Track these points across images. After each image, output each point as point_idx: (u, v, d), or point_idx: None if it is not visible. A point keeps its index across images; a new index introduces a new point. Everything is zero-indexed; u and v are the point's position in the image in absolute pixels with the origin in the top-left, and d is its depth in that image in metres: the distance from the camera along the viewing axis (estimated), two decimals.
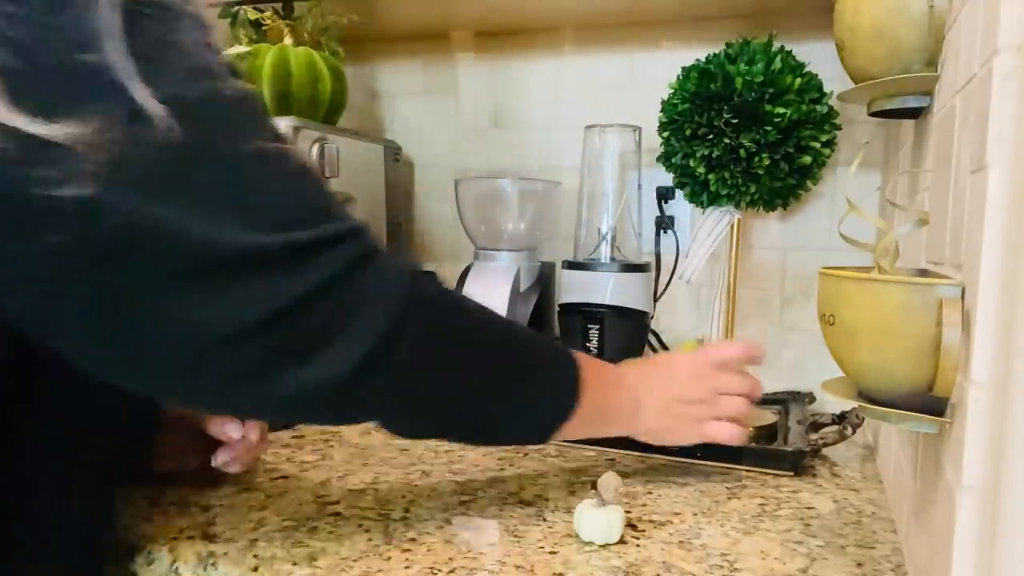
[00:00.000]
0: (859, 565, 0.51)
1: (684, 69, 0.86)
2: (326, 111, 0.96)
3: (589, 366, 0.57)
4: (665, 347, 1.01)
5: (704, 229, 0.89)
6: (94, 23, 0.33)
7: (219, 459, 0.60)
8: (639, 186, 0.96)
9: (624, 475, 0.68)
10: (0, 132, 0.31)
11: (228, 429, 0.61)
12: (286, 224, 0.38)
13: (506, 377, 0.51)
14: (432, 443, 0.76)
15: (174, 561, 0.52)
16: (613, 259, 0.93)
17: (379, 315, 0.42)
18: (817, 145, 0.82)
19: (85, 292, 0.35)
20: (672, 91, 0.87)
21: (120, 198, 0.33)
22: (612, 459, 0.73)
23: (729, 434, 0.64)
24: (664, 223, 1.01)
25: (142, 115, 0.33)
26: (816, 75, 0.82)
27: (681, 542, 0.54)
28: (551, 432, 0.56)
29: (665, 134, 0.88)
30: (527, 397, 0.53)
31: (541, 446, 0.76)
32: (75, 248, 0.33)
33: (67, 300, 0.35)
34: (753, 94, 0.79)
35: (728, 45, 0.84)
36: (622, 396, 0.61)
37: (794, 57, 0.82)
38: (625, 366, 0.66)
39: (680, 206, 1.01)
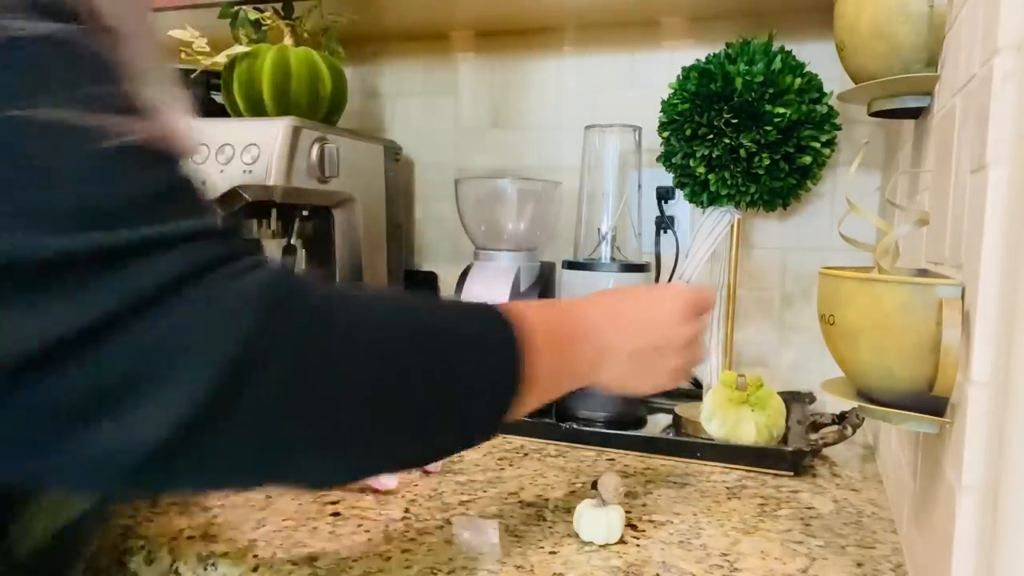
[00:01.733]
0: (859, 565, 0.51)
1: (684, 69, 0.86)
2: (326, 111, 0.96)
3: (538, 323, 0.47)
4: None
5: (704, 229, 0.89)
6: None
7: None
8: (639, 186, 0.96)
9: (624, 475, 0.68)
10: None
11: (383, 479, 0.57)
12: (82, 222, 0.28)
13: (426, 388, 0.39)
14: None
15: (174, 561, 0.52)
16: (613, 259, 0.93)
17: (204, 366, 0.29)
18: (817, 145, 0.82)
19: None
20: (672, 91, 0.87)
21: None
22: (612, 459, 0.73)
23: (680, 380, 0.58)
24: (664, 223, 1.01)
25: None
26: (816, 75, 0.82)
27: (681, 542, 0.54)
28: (499, 420, 0.45)
29: (665, 134, 0.88)
30: (460, 393, 0.42)
31: (541, 445, 0.76)
32: None
33: None
34: (753, 94, 0.79)
35: (728, 45, 0.84)
36: (582, 351, 0.52)
37: (794, 57, 0.82)
38: (593, 303, 0.56)
39: (680, 206, 1.01)
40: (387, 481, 0.63)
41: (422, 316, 0.42)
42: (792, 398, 0.89)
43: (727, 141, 0.81)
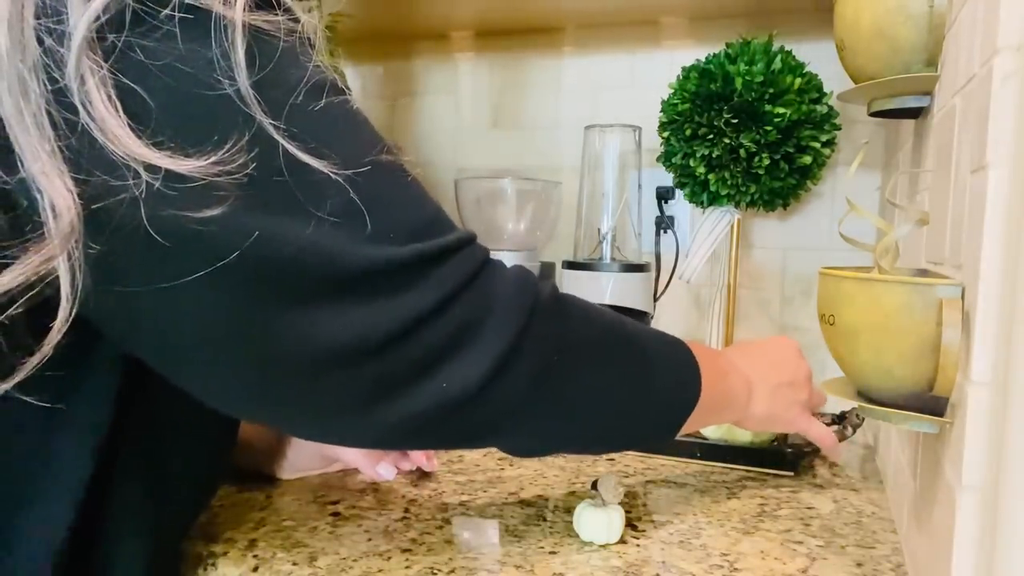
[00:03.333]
0: (859, 565, 0.51)
1: (684, 69, 0.86)
2: None
3: (702, 354, 0.54)
4: None
5: (704, 229, 0.89)
6: (227, 54, 0.33)
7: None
8: (639, 186, 0.96)
9: (624, 475, 0.68)
10: (135, 168, 0.31)
11: (381, 471, 0.64)
12: (412, 235, 0.38)
13: (632, 383, 0.49)
14: None
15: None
16: (613, 259, 0.93)
17: (505, 325, 0.40)
18: (817, 145, 0.82)
19: (211, 319, 0.34)
20: (672, 91, 0.87)
21: (250, 219, 0.33)
22: (612, 459, 0.73)
23: (831, 439, 0.65)
24: (664, 223, 1.01)
25: (265, 138, 0.33)
26: (816, 75, 0.82)
27: (681, 542, 0.54)
28: (675, 431, 0.53)
29: (665, 134, 0.88)
30: (653, 401, 0.51)
31: None
32: (204, 275, 0.33)
33: (191, 328, 0.34)
34: (753, 94, 0.79)
35: (728, 45, 0.84)
36: (735, 382, 0.59)
37: (794, 57, 0.82)
38: (731, 350, 0.65)
39: (680, 206, 1.01)
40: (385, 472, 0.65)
41: (627, 324, 0.50)
42: None
43: (727, 141, 0.81)
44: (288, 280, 0.34)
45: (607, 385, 0.47)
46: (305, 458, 0.66)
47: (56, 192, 0.30)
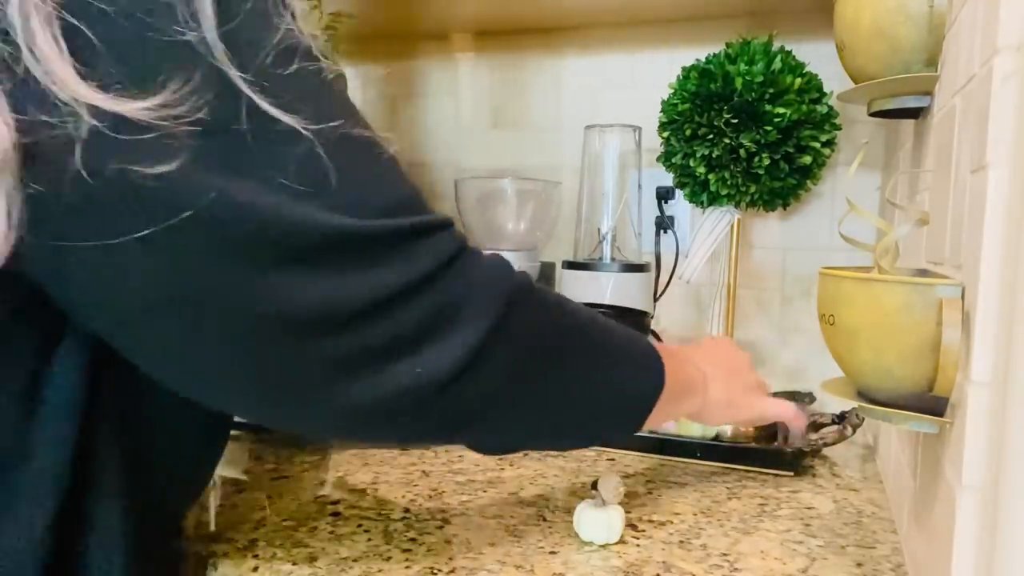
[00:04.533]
0: (859, 565, 0.51)
1: (684, 69, 0.86)
2: None
3: (659, 347, 0.55)
4: None
5: (704, 229, 0.89)
6: (190, 1, 0.31)
7: None
8: (639, 186, 0.96)
9: (624, 475, 0.68)
10: (79, 110, 0.29)
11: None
12: (384, 211, 0.36)
13: (602, 373, 0.48)
14: None
15: None
16: (613, 259, 0.93)
17: (482, 314, 0.39)
18: (817, 145, 0.82)
19: (153, 282, 0.32)
20: (672, 91, 0.87)
21: (207, 177, 0.31)
22: (612, 459, 0.73)
23: (792, 411, 0.65)
24: (664, 223, 1.01)
25: (233, 91, 0.31)
26: (816, 75, 0.82)
27: (681, 542, 0.54)
28: (642, 421, 0.53)
29: (665, 134, 0.88)
30: (621, 390, 0.50)
31: None
32: (149, 234, 0.30)
33: (132, 291, 0.32)
34: (753, 94, 0.79)
35: (728, 45, 0.84)
36: (692, 371, 0.59)
37: (794, 57, 0.82)
38: (679, 347, 0.65)
39: (680, 206, 1.01)
40: None
41: (596, 318, 0.49)
42: (792, 398, 0.89)
43: (727, 141, 0.81)
44: (244, 245, 0.32)
45: (578, 376, 0.46)
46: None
47: None
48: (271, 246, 0.33)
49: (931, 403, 0.40)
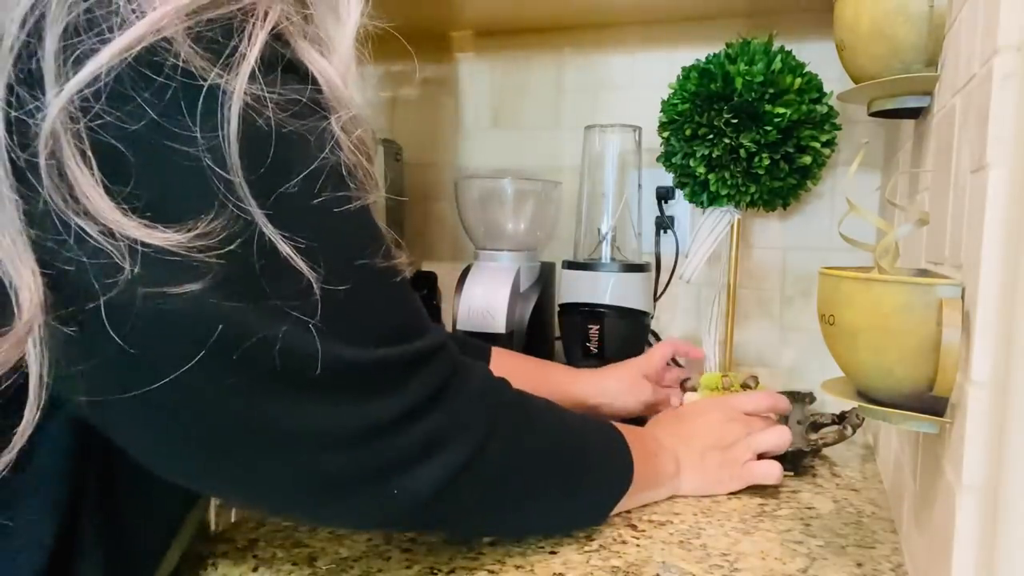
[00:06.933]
0: (859, 565, 0.51)
1: (684, 69, 0.86)
2: None
3: (632, 439, 0.57)
4: None
5: (704, 229, 0.89)
6: (217, 132, 0.31)
7: None
8: (639, 186, 0.96)
9: None
10: (112, 241, 0.30)
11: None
12: (388, 338, 0.38)
13: (575, 478, 0.52)
14: None
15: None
16: (613, 259, 0.93)
17: (466, 442, 0.42)
18: (817, 145, 0.82)
19: (183, 399, 0.33)
20: (672, 91, 0.87)
21: (219, 304, 0.32)
22: None
23: (772, 473, 0.64)
24: (664, 223, 1.01)
25: (251, 227, 0.32)
26: (816, 75, 0.82)
27: (681, 542, 0.54)
28: (606, 516, 0.56)
29: (665, 134, 0.88)
30: (590, 493, 0.54)
31: None
32: (177, 355, 0.32)
33: (164, 409, 0.34)
34: (753, 94, 0.79)
35: (728, 45, 0.84)
36: (664, 460, 0.61)
37: (794, 57, 0.82)
38: (655, 426, 0.67)
39: (680, 206, 1.01)
40: None
41: (571, 425, 0.54)
42: (792, 398, 0.89)
43: (727, 141, 0.81)
44: (248, 370, 0.33)
45: (552, 484, 0.50)
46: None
47: (19, 276, 0.29)
48: (270, 373, 0.34)
49: (931, 403, 0.40)
